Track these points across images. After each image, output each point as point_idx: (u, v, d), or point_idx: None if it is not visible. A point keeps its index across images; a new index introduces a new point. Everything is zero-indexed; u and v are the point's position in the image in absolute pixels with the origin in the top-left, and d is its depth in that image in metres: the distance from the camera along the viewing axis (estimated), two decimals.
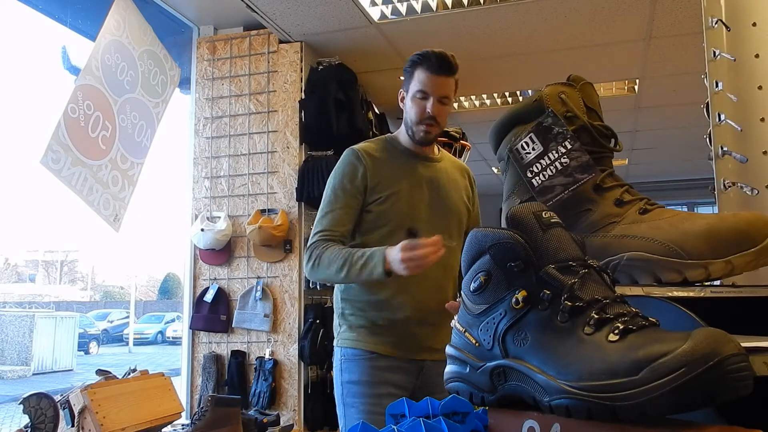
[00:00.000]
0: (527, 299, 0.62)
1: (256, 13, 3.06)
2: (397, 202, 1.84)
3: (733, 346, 0.51)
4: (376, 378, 1.79)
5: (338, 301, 1.90)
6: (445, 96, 1.83)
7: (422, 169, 1.90)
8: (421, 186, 1.88)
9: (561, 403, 0.57)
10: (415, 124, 1.85)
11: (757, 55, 1.00)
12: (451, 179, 1.95)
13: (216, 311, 3.24)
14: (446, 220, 1.89)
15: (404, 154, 1.91)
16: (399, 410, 0.75)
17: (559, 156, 0.89)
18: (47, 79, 67.86)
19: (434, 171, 1.92)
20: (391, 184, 1.85)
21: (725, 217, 0.80)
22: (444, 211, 1.90)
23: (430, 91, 1.81)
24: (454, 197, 1.93)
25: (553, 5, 2.99)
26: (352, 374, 1.82)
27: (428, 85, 1.81)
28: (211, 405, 1.93)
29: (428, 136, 1.86)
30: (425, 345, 1.82)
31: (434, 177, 1.91)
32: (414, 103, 1.84)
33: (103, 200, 2.70)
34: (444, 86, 1.82)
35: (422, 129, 1.84)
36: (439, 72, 1.80)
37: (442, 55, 1.81)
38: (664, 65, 3.73)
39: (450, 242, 1.81)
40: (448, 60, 1.81)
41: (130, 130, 2.89)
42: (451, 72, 1.83)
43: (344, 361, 1.84)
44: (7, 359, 14.43)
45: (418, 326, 1.82)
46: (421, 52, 1.83)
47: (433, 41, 3.43)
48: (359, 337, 1.83)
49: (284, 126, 3.29)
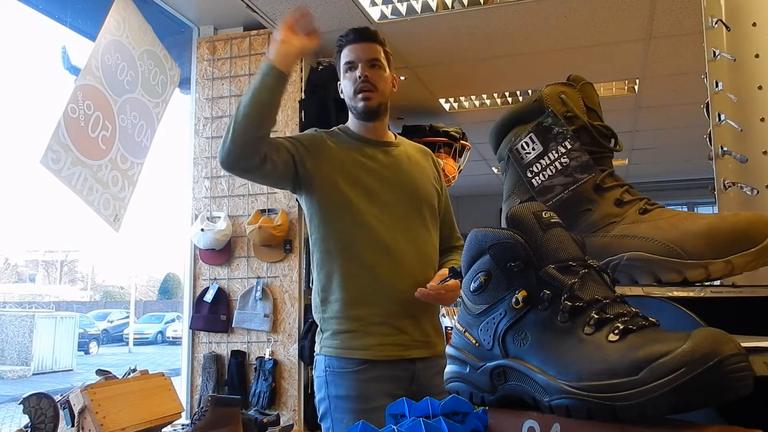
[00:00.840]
0: (527, 299, 0.62)
1: (256, 13, 3.06)
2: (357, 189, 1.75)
3: (733, 346, 0.51)
4: (367, 391, 1.67)
5: (316, 305, 1.79)
6: (374, 58, 1.77)
7: (380, 155, 1.82)
8: (380, 172, 1.79)
9: (561, 403, 0.57)
10: (353, 96, 1.78)
11: (757, 55, 1.00)
12: (413, 162, 1.87)
13: (216, 311, 3.23)
14: (414, 204, 1.80)
15: (359, 141, 1.83)
16: (399, 410, 0.75)
17: (559, 156, 0.89)
18: (47, 79, 67.87)
19: (392, 156, 1.84)
20: (348, 171, 1.76)
21: (725, 217, 0.80)
22: (409, 195, 1.80)
23: (355, 59, 1.76)
24: (419, 180, 1.84)
25: (553, 5, 2.99)
26: (339, 388, 1.69)
27: (352, 54, 1.77)
28: (211, 405, 1.93)
29: (369, 103, 1.76)
30: (414, 340, 1.73)
31: (394, 162, 1.82)
32: (345, 78, 1.80)
33: (103, 200, 2.69)
34: (368, 51, 1.77)
35: (360, 97, 1.76)
36: (360, 40, 1.77)
37: (361, 27, 1.80)
38: (664, 65, 3.73)
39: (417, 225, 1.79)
40: (367, 29, 1.80)
41: (130, 130, 2.89)
42: (373, 38, 1.79)
43: (330, 374, 1.71)
44: (7, 359, 14.44)
45: (402, 319, 1.72)
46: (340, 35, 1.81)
47: (433, 41, 3.44)
48: (342, 345, 1.71)
49: (284, 126, 3.29)
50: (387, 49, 1.83)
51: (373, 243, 1.73)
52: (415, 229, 1.79)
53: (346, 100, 1.82)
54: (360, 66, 1.75)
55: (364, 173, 1.77)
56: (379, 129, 1.85)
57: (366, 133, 1.83)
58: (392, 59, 1.85)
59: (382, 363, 1.69)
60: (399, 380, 1.70)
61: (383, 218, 1.74)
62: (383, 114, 1.83)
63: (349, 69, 1.78)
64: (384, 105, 1.82)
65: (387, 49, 1.83)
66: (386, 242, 1.73)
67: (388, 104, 1.85)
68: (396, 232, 1.74)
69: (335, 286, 1.74)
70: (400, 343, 1.71)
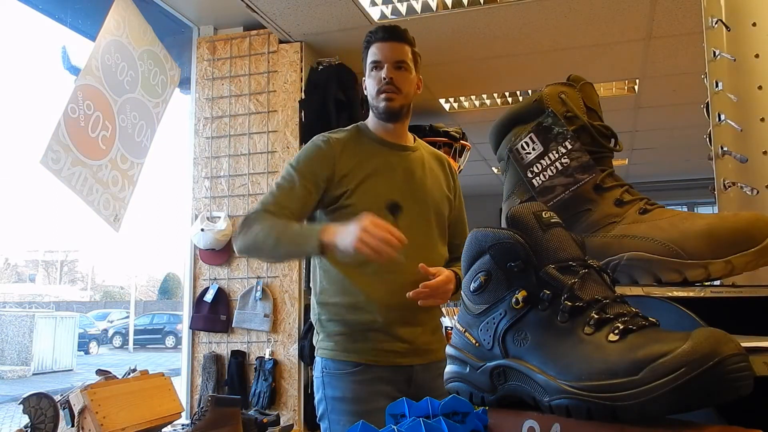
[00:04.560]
0: (527, 299, 0.62)
1: (256, 13, 3.06)
2: (366, 194, 1.71)
3: (733, 346, 0.51)
4: (363, 393, 1.66)
5: (314, 307, 1.78)
6: (400, 60, 1.74)
7: (395, 159, 1.78)
8: (393, 176, 1.75)
9: (561, 403, 0.57)
10: (375, 96, 1.75)
11: (757, 55, 1.00)
12: (428, 169, 1.83)
13: (216, 311, 3.23)
14: (423, 213, 1.77)
15: (375, 143, 1.79)
16: (399, 410, 0.75)
17: (560, 156, 0.89)
18: (47, 79, 67.88)
19: (409, 160, 1.80)
20: (361, 174, 1.72)
21: (725, 217, 0.80)
22: (420, 203, 1.77)
23: (382, 59, 1.73)
24: (431, 188, 1.80)
25: (553, 5, 2.99)
26: (336, 390, 1.69)
27: (379, 54, 1.73)
28: (211, 405, 1.93)
29: (391, 104, 1.73)
30: (412, 347, 1.70)
31: (409, 167, 1.78)
32: (370, 77, 1.76)
33: (103, 200, 2.69)
34: (396, 51, 1.73)
35: (383, 98, 1.73)
36: (388, 39, 1.73)
37: (391, 26, 1.75)
38: (664, 65, 3.73)
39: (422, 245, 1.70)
40: (397, 28, 1.75)
41: (130, 130, 2.89)
42: (401, 38, 1.75)
43: (326, 375, 1.71)
44: (7, 359, 14.44)
45: (400, 327, 1.69)
46: (369, 30, 1.77)
47: (433, 41, 3.44)
48: (338, 347, 1.70)
49: (284, 126, 3.29)
50: (415, 50, 1.79)
51: None
52: (422, 236, 1.75)
53: (368, 98, 1.79)
54: (386, 67, 1.72)
55: (378, 177, 1.74)
56: (398, 131, 1.81)
57: (384, 134, 1.80)
58: (420, 60, 1.81)
59: (378, 366, 1.67)
60: (396, 383, 1.69)
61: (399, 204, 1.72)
62: (405, 116, 1.80)
63: (374, 68, 1.75)
64: (406, 107, 1.79)
65: (415, 49, 1.79)
66: None
67: (410, 107, 1.81)
68: None
69: (334, 290, 1.72)
70: (396, 350, 1.69)
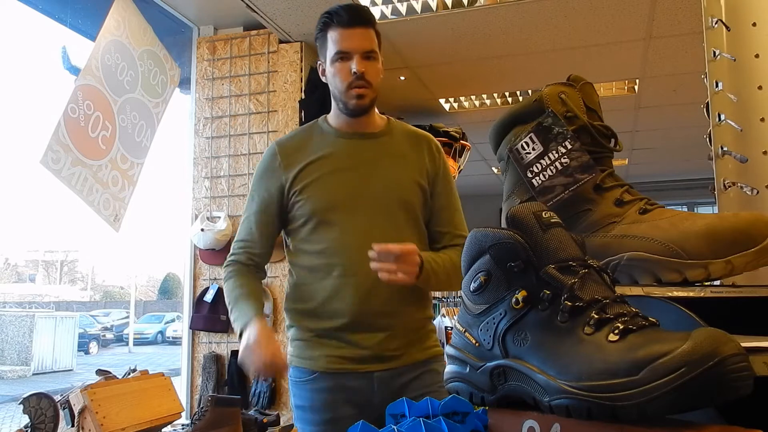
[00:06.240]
0: (527, 299, 0.62)
1: (256, 13, 3.06)
2: (315, 193, 1.58)
3: (733, 346, 0.51)
4: (322, 402, 1.57)
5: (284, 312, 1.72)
6: (370, 50, 1.56)
7: (350, 148, 1.62)
8: (345, 169, 1.60)
9: (561, 403, 0.57)
10: (344, 92, 1.57)
11: (757, 55, 1.00)
12: (397, 154, 1.64)
13: (216, 311, 3.23)
14: (382, 205, 1.58)
15: (331, 135, 1.64)
16: (399, 410, 0.75)
17: (560, 156, 0.89)
18: (47, 79, 67.87)
19: (368, 148, 1.63)
20: (309, 174, 1.59)
21: (725, 217, 0.80)
22: (379, 195, 1.58)
23: (350, 49, 1.54)
24: (397, 176, 1.61)
25: (553, 5, 2.99)
26: (297, 398, 1.62)
27: (346, 43, 1.54)
28: (211, 405, 1.92)
29: (362, 101, 1.57)
30: (372, 353, 1.56)
31: (371, 157, 1.62)
32: (336, 69, 1.56)
33: (103, 200, 2.69)
34: (365, 40, 1.55)
35: (353, 94, 1.56)
36: (355, 24, 1.54)
37: (354, 5, 1.57)
38: (664, 65, 3.73)
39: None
40: (363, 9, 1.58)
41: (130, 130, 2.89)
42: (368, 22, 1.57)
43: (290, 382, 1.65)
44: (7, 359, 14.45)
45: (359, 333, 1.56)
46: (327, 10, 1.57)
47: (433, 41, 3.44)
48: (297, 353, 1.63)
49: (284, 126, 3.29)
50: (378, 32, 1.62)
51: (330, 252, 1.57)
52: (386, 230, 1.57)
53: (332, 89, 1.62)
54: (356, 59, 1.54)
55: (327, 172, 1.60)
56: (363, 120, 1.64)
57: (346, 126, 1.65)
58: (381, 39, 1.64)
59: (337, 374, 1.57)
60: (358, 390, 1.57)
61: (346, 225, 1.57)
62: (372, 108, 1.65)
63: (340, 59, 1.56)
64: (375, 99, 1.64)
65: (378, 31, 1.62)
66: (346, 251, 1.56)
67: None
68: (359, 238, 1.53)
69: (294, 296, 1.66)
70: (351, 356, 1.57)
